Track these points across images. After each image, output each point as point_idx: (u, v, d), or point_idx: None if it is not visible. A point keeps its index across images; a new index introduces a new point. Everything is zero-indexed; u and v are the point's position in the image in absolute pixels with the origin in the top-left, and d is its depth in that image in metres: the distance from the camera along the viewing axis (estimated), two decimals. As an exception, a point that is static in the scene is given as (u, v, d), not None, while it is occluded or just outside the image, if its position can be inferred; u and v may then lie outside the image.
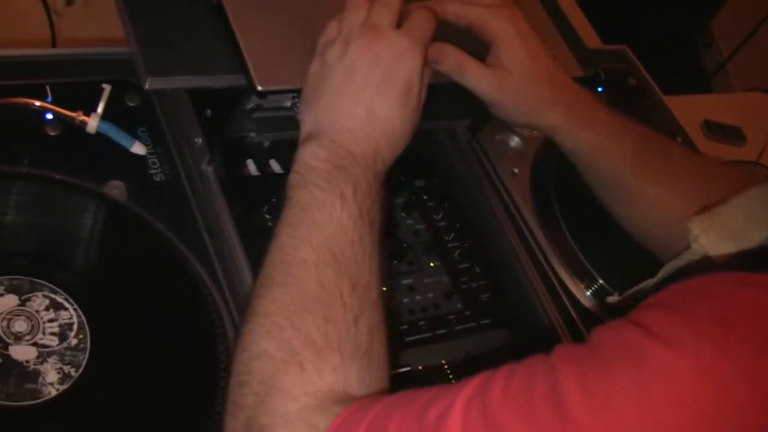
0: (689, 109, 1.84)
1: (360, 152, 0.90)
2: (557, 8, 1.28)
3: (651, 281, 1.00)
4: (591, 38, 1.85)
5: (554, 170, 1.31)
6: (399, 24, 0.96)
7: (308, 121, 0.93)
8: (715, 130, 1.95)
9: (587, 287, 1.21)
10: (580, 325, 1.19)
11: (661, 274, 1.00)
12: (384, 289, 0.87)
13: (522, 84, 1.05)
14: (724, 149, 1.93)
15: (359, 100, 0.92)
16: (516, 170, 1.30)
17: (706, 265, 0.93)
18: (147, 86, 0.94)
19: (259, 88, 0.94)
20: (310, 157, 0.90)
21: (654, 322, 0.65)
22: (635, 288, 1.03)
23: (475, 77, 1.04)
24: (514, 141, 1.33)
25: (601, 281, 1.21)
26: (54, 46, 1.27)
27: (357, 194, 0.87)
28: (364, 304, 0.83)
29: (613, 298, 1.08)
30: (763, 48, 3.28)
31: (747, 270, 0.72)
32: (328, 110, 0.92)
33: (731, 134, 1.98)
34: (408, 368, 1.04)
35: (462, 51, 1.03)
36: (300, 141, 0.93)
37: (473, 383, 0.68)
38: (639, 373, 0.62)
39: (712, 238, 0.93)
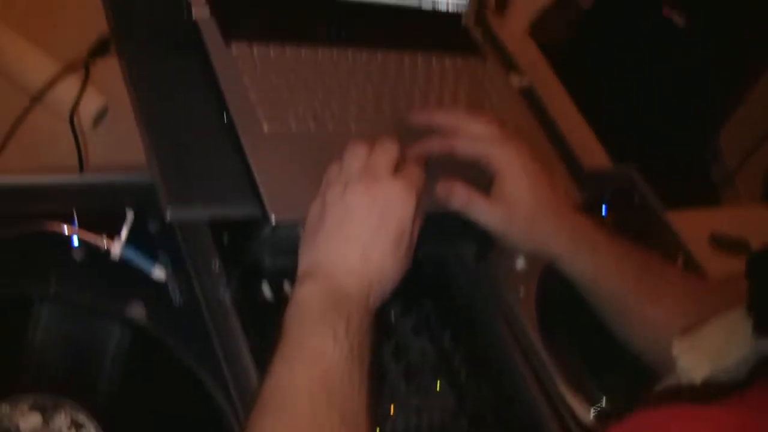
0: (697, 223, 1.88)
1: (353, 292, 0.96)
2: (559, 135, 1.33)
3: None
4: (599, 155, 1.90)
5: (559, 291, 1.34)
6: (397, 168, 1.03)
7: (306, 259, 1.00)
8: (723, 242, 1.98)
9: (593, 409, 1.23)
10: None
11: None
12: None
13: (527, 216, 1.11)
14: (731, 261, 1.96)
15: (354, 243, 0.98)
16: (522, 292, 1.33)
17: (691, 387, 0.96)
18: (169, 218, 0.99)
19: (273, 220, 0.99)
20: (306, 293, 0.96)
21: None
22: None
23: (483, 212, 1.11)
24: (520, 263, 1.37)
25: (604, 403, 1.24)
26: (81, 170, 1.32)
27: (349, 331, 0.92)
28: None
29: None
30: (768, 160, 3.33)
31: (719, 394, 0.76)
32: (324, 251, 0.99)
33: (738, 246, 2.00)
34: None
35: (469, 188, 1.09)
36: (297, 277, 0.99)
37: None
38: None
39: (692, 359, 0.97)
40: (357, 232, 0.99)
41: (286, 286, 1.18)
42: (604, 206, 1.56)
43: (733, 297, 1.07)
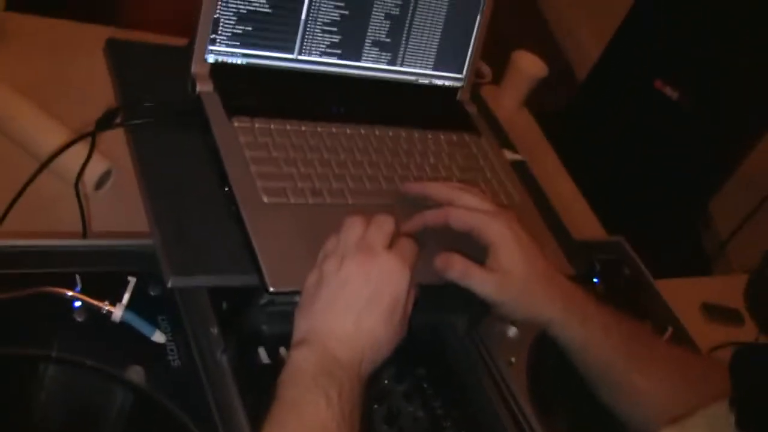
0: (688, 292, 1.91)
1: (346, 359, 1.00)
2: (550, 208, 1.36)
3: None
4: (592, 225, 1.94)
5: (551, 359, 1.36)
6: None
7: (302, 327, 1.04)
8: (714, 312, 2.00)
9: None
10: None
11: None
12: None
13: (521, 285, 1.15)
14: (723, 330, 1.98)
15: (349, 313, 1.03)
16: (513, 359, 1.35)
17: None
18: (170, 285, 1.02)
19: (271, 289, 1.02)
20: (300, 358, 1.00)
21: None
22: None
23: (478, 282, 1.15)
24: (512, 331, 1.39)
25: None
26: (84, 235, 1.35)
27: (341, 397, 0.96)
28: None
29: None
30: (762, 229, 3.35)
31: None
32: (320, 319, 1.03)
33: (730, 316, 2.03)
34: None
35: (466, 259, 1.14)
36: (293, 344, 1.03)
37: None
38: None
39: None
40: (351, 303, 1.03)
41: (282, 351, 1.21)
42: (595, 277, 1.59)
43: (720, 375, 1.10)
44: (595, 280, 1.58)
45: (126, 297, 1.12)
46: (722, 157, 3.46)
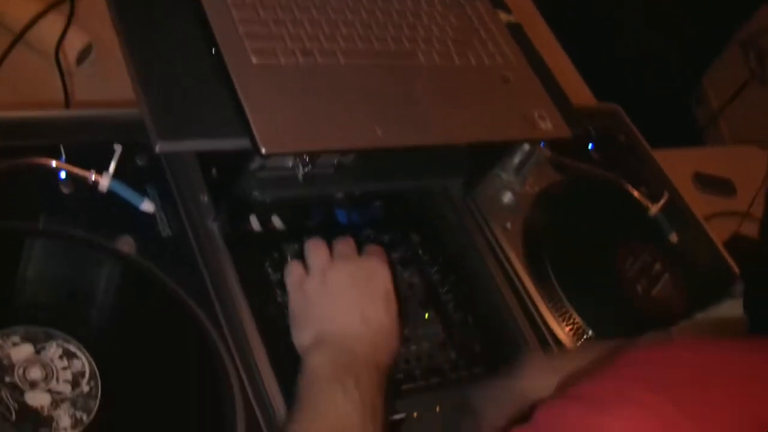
0: (680, 163, 1.89)
1: (360, 351, 1.01)
2: (546, 70, 1.33)
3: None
4: (584, 96, 1.91)
5: (545, 225, 1.36)
6: None
7: (307, 336, 1.04)
8: (706, 182, 2.00)
9: (577, 338, 1.25)
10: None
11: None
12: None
13: None
14: (714, 201, 1.97)
15: (352, 311, 1.05)
16: (508, 225, 1.35)
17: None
18: (158, 150, 0.98)
19: (263, 151, 0.99)
20: (316, 362, 1.00)
21: (592, 392, 0.72)
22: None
23: None
24: (507, 197, 1.38)
25: (590, 332, 1.25)
26: (67, 106, 1.32)
27: (359, 386, 0.97)
28: None
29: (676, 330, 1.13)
30: (753, 102, 3.33)
31: None
32: (326, 323, 1.04)
33: (722, 186, 2.02)
34: (403, 415, 1.09)
35: None
36: (303, 351, 1.03)
37: None
38: None
39: None
40: (351, 302, 1.05)
41: (275, 219, 1.19)
42: (590, 143, 1.56)
43: None
44: (590, 146, 1.56)
45: (112, 166, 1.09)
46: (715, 30, 3.41)
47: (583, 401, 0.72)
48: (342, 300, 1.05)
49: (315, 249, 1.11)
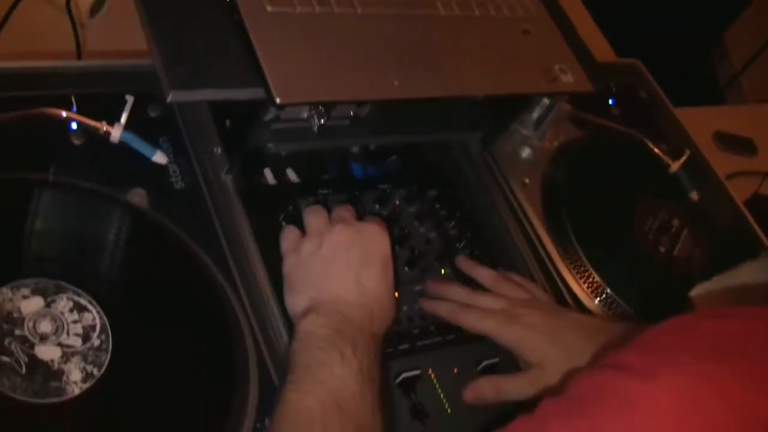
0: (701, 121, 1.86)
1: (356, 317, 0.99)
2: (568, 24, 1.30)
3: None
4: (604, 51, 1.88)
5: (564, 181, 1.34)
6: None
7: (301, 302, 1.01)
8: (727, 141, 1.97)
9: (595, 296, 1.24)
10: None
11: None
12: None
13: (560, 367, 1.07)
14: (735, 160, 1.95)
15: (348, 276, 1.02)
16: (527, 181, 1.33)
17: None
18: (170, 99, 0.97)
19: (278, 101, 0.97)
20: (310, 325, 0.98)
21: (632, 361, 0.69)
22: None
23: (516, 392, 1.09)
24: (526, 152, 1.36)
25: (608, 290, 1.24)
26: (79, 57, 1.30)
27: (357, 353, 0.94)
28: None
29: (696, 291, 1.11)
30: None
31: None
32: (320, 288, 1.01)
33: (743, 145, 2.00)
34: (418, 371, 1.07)
35: (492, 379, 1.10)
36: (297, 318, 1.00)
37: None
38: (624, 412, 0.66)
39: None
40: (347, 267, 1.02)
41: (289, 172, 1.17)
42: (611, 99, 1.54)
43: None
44: (610, 102, 1.53)
45: (124, 116, 1.08)
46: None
47: (625, 370, 0.69)
48: (338, 265, 1.02)
49: (313, 213, 1.09)
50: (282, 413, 0.91)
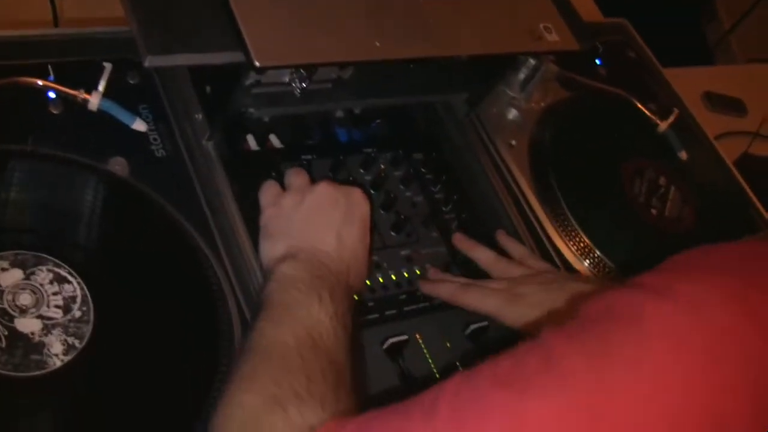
0: (691, 81, 1.85)
1: (334, 267, 0.98)
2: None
3: None
4: (591, 12, 1.86)
5: (552, 142, 1.32)
6: None
7: (280, 248, 1.01)
8: (717, 101, 1.96)
9: (583, 256, 1.22)
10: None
11: None
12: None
13: None
14: (725, 120, 1.94)
15: (329, 230, 1.02)
16: (514, 142, 1.31)
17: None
18: (147, 64, 0.95)
19: (257, 64, 0.95)
20: (289, 269, 0.97)
21: (646, 280, 0.66)
22: None
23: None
24: (512, 114, 1.34)
25: (597, 252, 1.22)
26: (56, 25, 1.28)
27: (334, 298, 0.94)
28: (342, 378, 0.88)
29: None
30: (765, 20, 3.26)
31: None
32: (300, 238, 1.01)
33: (732, 105, 1.99)
34: (406, 337, 1.06)
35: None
36: (273, 263, 0.99)
37: (456, 377, 0.68)
38: (637, 330, 0.62)
39: None
40: (329, 221, 1.02)
41: (272, 138, 1.16)
42: (598, 59, 1.52)
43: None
44: (597, 61, 1.52)
45: (102, 84, 1.06)
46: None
47: (638, 287, 0.66)
48: (320, 219, 1.02)
49: (295, 173, 1.09)
50: (255, 345, 0.90)
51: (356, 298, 1.02)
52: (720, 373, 0.61)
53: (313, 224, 1.01)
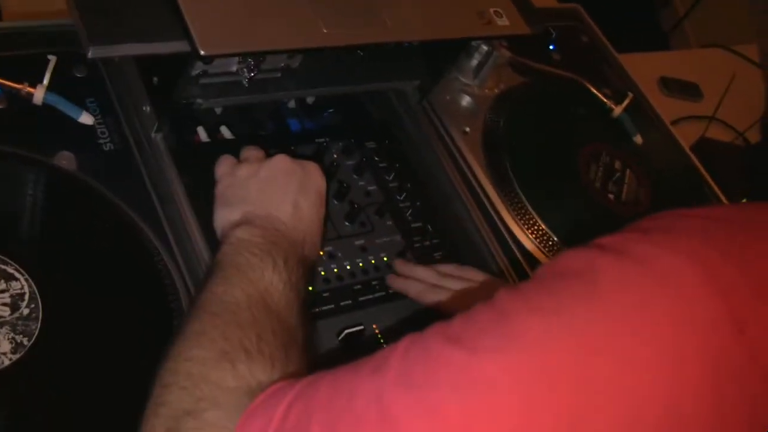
0: (646, 66, 1.86)
1: (289, 235, 0.98)
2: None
3: None
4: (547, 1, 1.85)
5: (506, 129, 1.31)
6: None
7: (235, 214, 1.00)
8: (672, 86, 1.97)
9: (540, 242, 1.22)
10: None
11: None
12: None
13: None
14: (681, 105, 1.95)
15: (285, 199, 1.01)
16: (467, 129, 1.30)
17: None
18: (90, 54, 0.93)
19: (203, 53, 0.93)
20: (244, 234, 0.96)
21: (604, 241, 0.64)
22: None
23: None
24: (466, 100, 1.33)
25: (554, 238, 1.22)
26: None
27: (288, 264, 0.93)
28: (293, 340, 0.86)
29: None
30: (718, 4, 3.28)
31: None
32: (256, 205, 1.00)
33: (688, 90, 2.00)
34: (362, 327, 1.05)
35: None
36: (228, 228, 0.98)
37: (407, 337, 0.66)
38: (593, 291, 0.61)
39: None
40: (285, 191, 1.01)
41: (223, 129, 1.14)
42: (551, 44, 1.51)
43: None
44: (551, 47, 1.51)
45: (47, 77, 1.05)
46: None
47: (596, 248, 0.64)
48: (276, 187, 1.01)
49: (251, 149, 1.08)
50: (204, 303, 0.88)
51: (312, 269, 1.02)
52: (675, 333, 0.60)
53: (270, 192, 1.00)
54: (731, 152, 1.90)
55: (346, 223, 1.14)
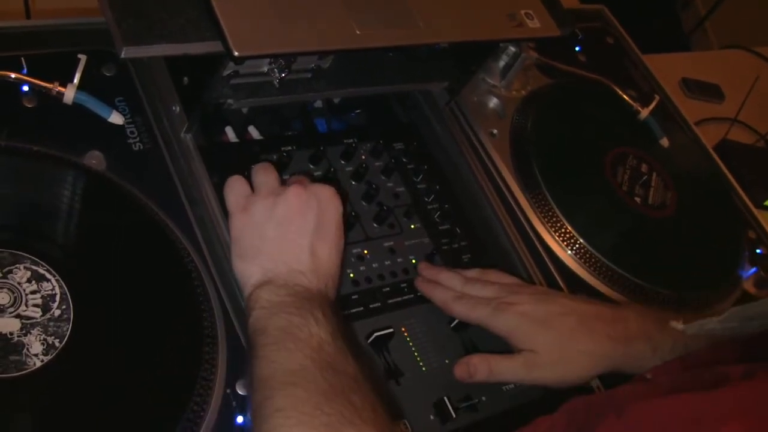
0: (668, 68, 1.85)
1: (314, 288, 0.97)
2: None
3: (715, 320, 1.03)
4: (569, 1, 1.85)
5: (533, 131, 1.31)
6: None
7: (256, 272, 0.98)
8: (694, 87, 1.97)
9: (567, 245, 1.21)
10: (560, 281, 1.19)
11: (726, 315, 1.02)
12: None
13: (553, 355, 1.06)
14: (702, 106, 1.94)
15: (301, 246, 0.99)
16: (495, 131, 1.30)
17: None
18: (123, 55, 0.93)
19: (236, 53, 0.93)
20: (272, 294, 0.95)
21: None
22: (699, 322, 1.05)
23: (508, 372, 1.07)
24: (493, 102, 1.33)
25: (581, 240, 1.21)
26: (28, 17, 1.26)
27: (327, 316, 0.92)
28: (370, 393, 0.87)
29: (677, 324, 1.08)
30: (740, 5, 3.27)
31: None
32: (274, 259, 0.98)
33: (710, 91, 1.99)
34: (391, 330, 1.05)
35: (485, 357, 1.07)
36: (252, 289, 0.96)
37: None
38: None
39: None
40: (301, 235, 0.99)
41: (251, 129, 1.14)
42: (577, 46, 1.51)
43: None
44: (577, 48, 1.51)
45: (77, 76, 1.04)
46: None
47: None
48: (291, 233, 0.99)
49: (264, 170, 1.05)
50: (270, 373, 0.88)
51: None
52: None
53: (287, 241, 0.98)
54: (753, 154, 1.89)
55: (375, 225, 1.14)
